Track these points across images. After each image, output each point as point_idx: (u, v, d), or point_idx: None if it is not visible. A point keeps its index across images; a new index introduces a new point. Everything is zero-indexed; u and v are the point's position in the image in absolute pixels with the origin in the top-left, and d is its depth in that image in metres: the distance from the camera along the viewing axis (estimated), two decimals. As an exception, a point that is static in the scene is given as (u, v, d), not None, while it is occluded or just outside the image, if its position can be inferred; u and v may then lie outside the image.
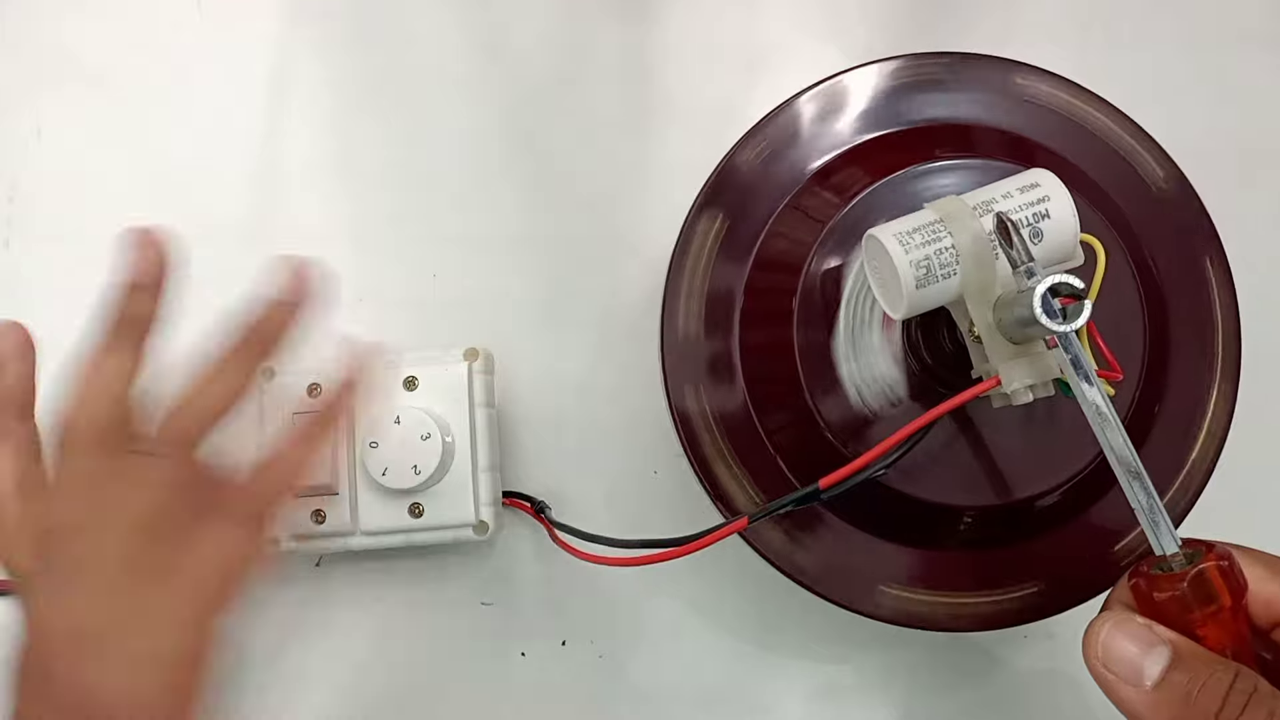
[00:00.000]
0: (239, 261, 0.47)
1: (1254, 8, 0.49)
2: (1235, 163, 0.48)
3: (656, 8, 0.49)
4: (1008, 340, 0.30)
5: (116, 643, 0.29)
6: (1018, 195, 0.30)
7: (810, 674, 0.44)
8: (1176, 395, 0.37)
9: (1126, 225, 0.37)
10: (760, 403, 0.38)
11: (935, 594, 0.37)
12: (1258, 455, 0.42)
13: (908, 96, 0.39)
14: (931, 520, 0.36)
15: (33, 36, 0.49)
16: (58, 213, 0.48)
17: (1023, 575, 0.37)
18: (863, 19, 0.49)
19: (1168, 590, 0.28)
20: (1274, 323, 0.47)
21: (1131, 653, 0.27)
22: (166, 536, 0.30)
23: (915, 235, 0.30)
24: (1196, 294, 0.38)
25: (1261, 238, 0.47)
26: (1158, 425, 0.37)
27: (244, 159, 0.48)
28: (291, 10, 0.49)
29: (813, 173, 0.39)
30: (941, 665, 0.44)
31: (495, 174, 0.48)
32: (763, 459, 0.38)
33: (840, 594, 0.37)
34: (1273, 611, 0.29)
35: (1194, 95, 0.49)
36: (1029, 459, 0.35)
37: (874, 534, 0.37)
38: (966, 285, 0.30)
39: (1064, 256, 0.31)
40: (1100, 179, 0.38)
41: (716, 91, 0.46)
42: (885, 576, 0.37)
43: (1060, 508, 0.36)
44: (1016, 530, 0.36)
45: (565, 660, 0.44)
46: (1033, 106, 0.39)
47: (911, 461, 0.33)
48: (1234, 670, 0.26)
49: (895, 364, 0.35)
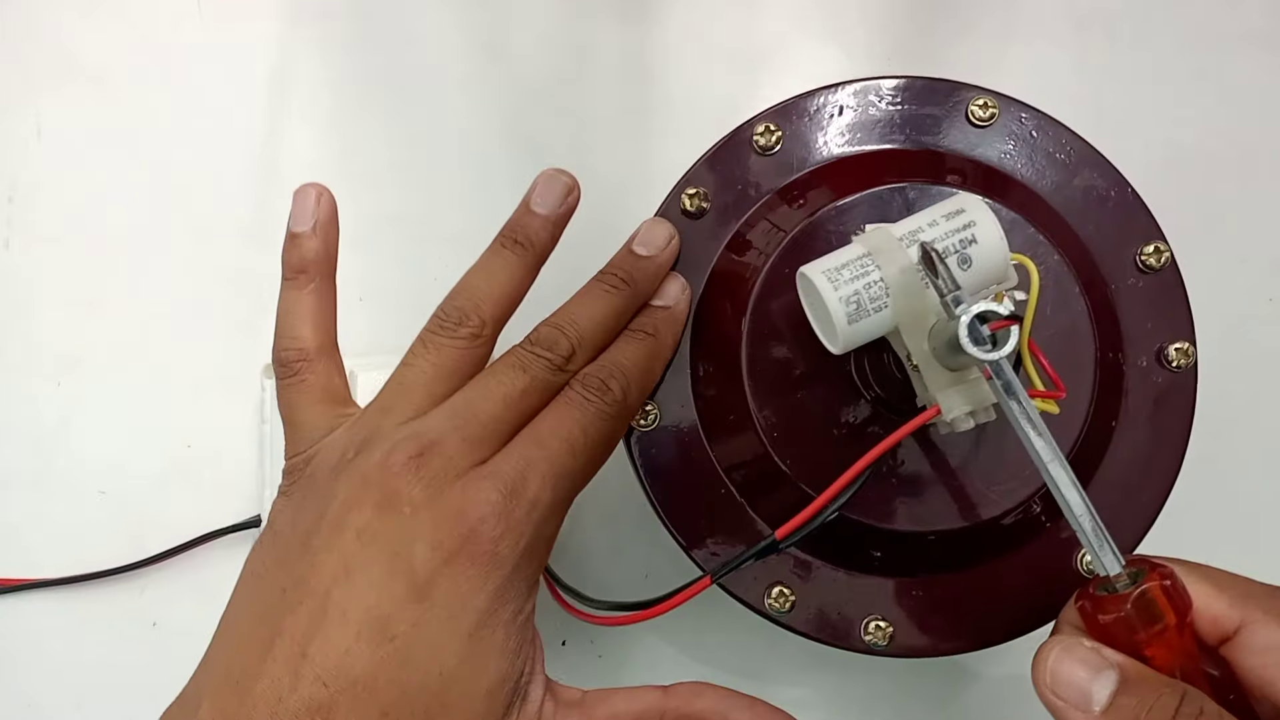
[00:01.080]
0: (239, 261, 0.48)
1: (1254, 8, 0.49)
2: (1235, 163, 0.48)
3: (656, 8, 0.49)
4: (945, 369, 0.30)
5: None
6: (944, 223, 0.30)
7: (809, 667, 0.44)
8: (1133, 412, 0.37)
9: (1073, 237, 0.37)
10: (712, 431, 0.37)
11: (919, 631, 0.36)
12: (1222, 463, 0.42)
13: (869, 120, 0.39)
14: (901, 547, 0.35)
15: (33, 36, 0.49)
16: (58, 213, 0.48)
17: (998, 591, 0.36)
18: (863, 20, 0.49)
19: (1112, 612, 0.28)
20: (1275, 323, 0.47)
21: (1079, 677, 0.27)
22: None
23: (844, 271, 0.30)
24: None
25: (1261, 238, 0.47)
26: (1115, 440, 0.36)
27: (244, 159, 0.48)
28: (291, 10, 0.49)
29: (768, 194, 0.38)
30: (931, 679, 0.44)
31: (495, 174, 0.48)
32: (718, 494, 0.37)
33: (827, 634, 0.36)
34: (1220, 628, 0.29)
35: (1194, 95, 0.49)
36: (990, 477, 0.35)
37: (854, 569, 0.36)
38: (899, 317, 0.30)
39: (997, 279, 0.30)
40: (1048, 195, 0.38)
41: (716, 91, 0.47)
42: (868, 611, 0.36)
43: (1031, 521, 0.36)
44: (982, 550, 0.36)
45: (565, 660, 0.44)
46: (983, 129, 0.38)
47: (875, 494, 0.33)
48: (1181, 691, 0.26)
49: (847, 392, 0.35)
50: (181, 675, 0.44)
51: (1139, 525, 0.36)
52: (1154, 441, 0.36)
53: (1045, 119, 0.38)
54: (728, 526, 0.37)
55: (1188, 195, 0.48)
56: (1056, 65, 0.49)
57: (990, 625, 0.36)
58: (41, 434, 0.46)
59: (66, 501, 0.45)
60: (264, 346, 0.46)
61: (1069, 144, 0.38)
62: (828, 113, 0.39)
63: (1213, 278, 0.47)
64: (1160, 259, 0.37)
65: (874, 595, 0.36)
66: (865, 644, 0.35)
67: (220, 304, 0.47)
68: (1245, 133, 0.48)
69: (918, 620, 0.36)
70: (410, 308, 0.47)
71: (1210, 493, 0.45)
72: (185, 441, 0.46)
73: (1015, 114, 0.38)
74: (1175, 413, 0.36)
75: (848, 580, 0.36)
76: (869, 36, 0.49)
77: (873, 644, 0.35)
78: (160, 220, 0.48)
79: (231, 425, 0.46)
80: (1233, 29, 0.49)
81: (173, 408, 0.46)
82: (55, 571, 0.44)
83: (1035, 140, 0.38)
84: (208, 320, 0.47)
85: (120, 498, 0.45)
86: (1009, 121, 0.38)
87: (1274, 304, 0.47)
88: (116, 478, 0.46)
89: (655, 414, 0.37)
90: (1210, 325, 0.46)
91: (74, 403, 0.46)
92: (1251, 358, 0.46)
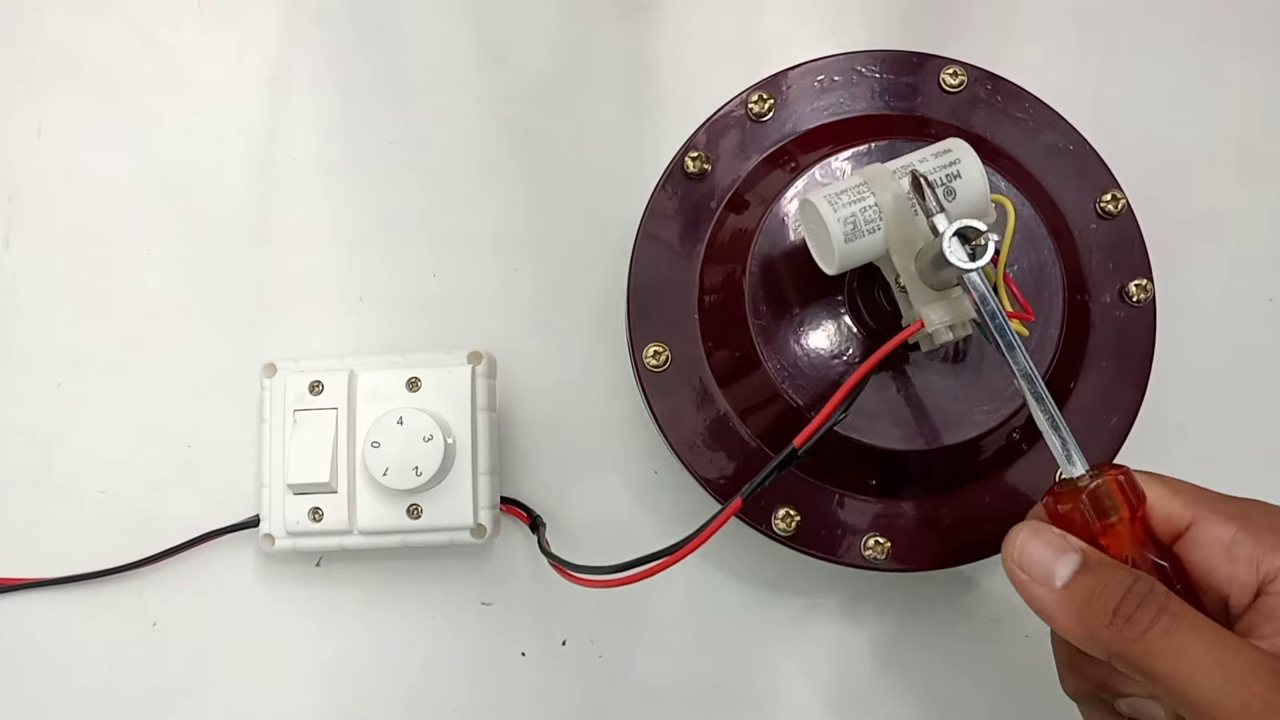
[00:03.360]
0: (239, 261, 0.48)
1: (1254, 8, 0.49)
2: (1235, 163, 0.48)
3: (656, 8, 0.49)
4: (929, 288, 0.34)
5: None
6: (932, 159, 0.34)
7: (810, 659, 0.44)
8: (1099, 344, 0.41)
9: (1039, 188, 0.41)
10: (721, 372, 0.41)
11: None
12: (1222, 462, 0.42)
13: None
14: (892, 468, 0.39)
15: (33, 36, 0.49)
16: (58, 213, 0.48)
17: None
18: (864, 20, 0.49)
19: (1070, 502, 0.31)
20: (1275, 323, 0.47)
21: (1045, 556, 0.30)
22: None
23: (842, 196, 0.34)
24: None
25: (1262, 238, 0.47)
26: (1085, 366, 0.40)
27: (244, 159, 0.48)
28: (291, 10, 0.49)
29: (760, 160, 0.42)
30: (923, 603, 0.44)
31: (494, 173, 0.48)
32: (733, 436, 0.41)
33: (826, 549, 0.40)
34: (1173, 525, 0.32)
35: (1194, 95, 0.49)
36: (972, 401, 0.39)
37: (850, 490, 0.40)
38: (890, 239, 0.34)
39: (978, 213, 0.33)
40: (1021, 157, 0.42)
41: (716, 91, 0.46)
42: (867, 528, 0.40)
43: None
44: (968, 473, 0.40)
45: (565, 660, 0.44)
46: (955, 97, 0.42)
47: (866, 411, 0.37)
48: (1133, 575, 0.29)
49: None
50: (179, 675, 0.44)
51: (1109, 445, 0.41)
52: (1120, 370, 0.41)
53: (1007, 83, 0.43)
54: (741, 460, 0.40)
55: (1188, 195, 0.48)
56: (1056, 65, 0.49)
57: (973, 542, 0.40)
58: (41, 434, 0.46)
59: (66, 501, 0.45)
60: (264, 346, 0.46)
61: (1030, 106, 0.42)
62: (814, 83, 0.43)
63: (1213, 277, 0.47)
64: (1117, 205, 0.41)
65: (873, 515, 0.40)
66: (865, 559, 0.40)
67: (220, 304, 0.47)
68: (1245, 133, 0.48)
69: (910, 537, 0.40)
70: (410, 308, 0.47)
71: (1177, 417, 0.45)
72: (185, 441, 0.46)
73: (982, 82, 0.43)
74: (1138, 341, 0.41)
75: (851, 502, 0.40)
76: (870, 36, 0.49)
77: (873, 559, 0.40)
78: (160, 220, 0.48)
79: (231, 425, 0.46)
80: (1233, 29, 0.49)
81: (173, 408, 0.46)
82: (55, 570, 0.44)
83: (1000, 104, 0.42)
84: (208, 320, 0.47)
85: (120, 497, 0.45)
86: (976, 89, 0.42)
87: (1274, 304, 0.47)
88: (116, 477, 0.46)
89: (667, 356, 0.40)
90: (1210, 325, 0.47)
91: (74, 403, 0.46)
92: (1251, 357, 0.46)
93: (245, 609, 0.45)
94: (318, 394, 0.43)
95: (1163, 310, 0.42)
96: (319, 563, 0.45)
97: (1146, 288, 0.41)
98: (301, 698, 0.44)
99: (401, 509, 0.42)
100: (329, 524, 0.42)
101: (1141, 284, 0.41)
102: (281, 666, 0.44)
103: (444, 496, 0.42)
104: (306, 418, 0.42)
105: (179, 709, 0.44)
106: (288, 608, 0.45)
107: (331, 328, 0.47)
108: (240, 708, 0.44)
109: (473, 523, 0.42)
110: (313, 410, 0.42)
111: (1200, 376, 0.46)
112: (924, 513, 0.40)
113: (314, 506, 0.42)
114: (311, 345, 0.46)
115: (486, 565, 0.45)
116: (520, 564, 0.45)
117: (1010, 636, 0.44)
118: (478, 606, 0.45)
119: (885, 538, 0.40)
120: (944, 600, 0.45)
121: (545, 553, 0.40)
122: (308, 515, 0.42)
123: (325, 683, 0.44)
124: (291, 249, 0.47)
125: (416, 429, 0.41)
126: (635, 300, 0.41)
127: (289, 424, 0.42)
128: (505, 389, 0.46)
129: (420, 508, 0.42)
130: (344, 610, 0.45)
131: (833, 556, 0.40)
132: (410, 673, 0.44)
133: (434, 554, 0.44)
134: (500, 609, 0.45)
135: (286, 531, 0.42)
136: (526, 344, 0.46)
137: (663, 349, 0.40)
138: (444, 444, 0.41)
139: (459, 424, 0.42)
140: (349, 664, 0.44)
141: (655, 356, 0.40)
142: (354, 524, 0.42)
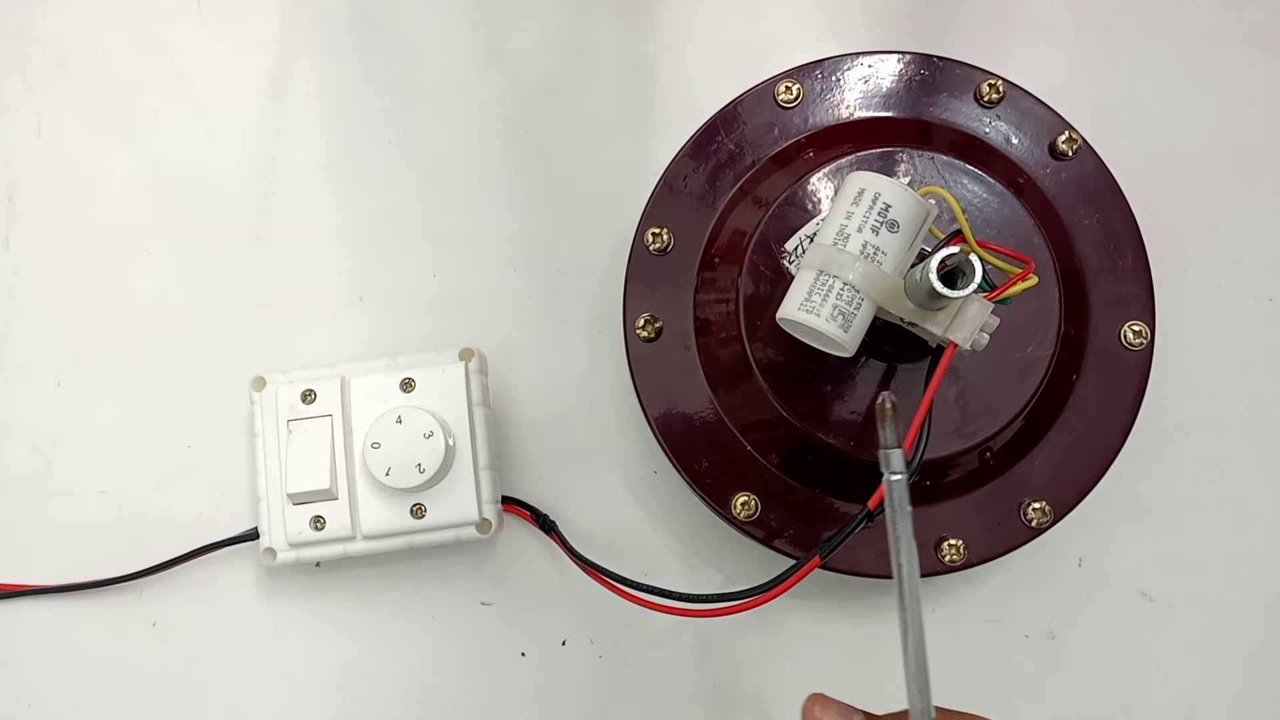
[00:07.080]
0: (238, 261, 0.48)
1: (1254, 8, 0.49)
2: (1235, 163, 0.48)
3: (656, 8, 0.49)
4: (934, 311, 0.33)
5: None
6: (858, 211, 0.33)
7: (809, 659, 0.44)
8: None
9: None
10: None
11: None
12: (1222, 462, 0.42)
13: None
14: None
15: (33, 36, 0.49)
16: (58, 213, 0.48)
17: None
18: (864, 20, 0.49)
19: None
20: (1274, 323, 0.47)
21: None
22: None
23: (813, 297, 0.33)
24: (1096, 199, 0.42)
25: (1262, 238, 0.47)
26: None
27: (244, 159, 0.48)
28: (291, 10, 0.49)
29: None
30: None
31: (495, 174, 0.48)
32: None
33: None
34: None
35: (1194, 95, 0.49)
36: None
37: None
38: (878, 301, 0.33)
39: (923, 219, 0.33)
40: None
41: (716, 91, 0.46)
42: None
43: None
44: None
45: (565, 660, 0.44)
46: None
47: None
48: None
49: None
50: (179, 681, 0.44)
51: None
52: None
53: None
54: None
55: (1188, 195, 0.48)
56: (1057, 65, 0.49)
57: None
58: (41, 434, 0.46)
59: (66, 501, 0.45)
60: (263, 346, 0.46)
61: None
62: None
63: (1212, 277, 0.47)
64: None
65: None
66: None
67: (220, 304, 0.47)
68: (1245, 133, 0.48)
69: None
70: (410, 308, 0.47)
71: (1211, 492, 0.45)
72: (185, 441, 0.46)
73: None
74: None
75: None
76: (870, 37, 0.49)
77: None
78: (160, 220, 0.48)
79: (231, 424, 0.46)
80: (1233, 29, 0.49)
81: (173, 408, 0.46)
82: (55, 570, 0.44)
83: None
84: (208, 320, 0.47)
85: (120, 497, 0.45)
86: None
87: (1273, 304, 0.47)
88: (116, 477, 0.46)
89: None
90: (1209, 324, 0.47)
91: (74, 403, 0.46)
92: (1251, 357, 0.46)
93: (245, 609, 0.45)
94: (310, 402, 0.42)
95: (1162, 310, 0.42)
96: (319, 564, 0.45)
97: (1143, 332, 0.41)
98: (301, 698, 0.44)
99: (405, 510, 0.42)
100: (332, 531, 0.42)
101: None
102: (282, 667, 0.44)
103: (447, 493, 0.42)
104: (301, 427, 0.42)
105: (179, 709, 0.44)
106: (288, 608, 0.45)
107: (331, 328, 0.47)
108: (240, 708, 0.44)
109: (478, 518, 0.42)
110: (307, 419, 0.42)
111: (1200, 376, 0.46)
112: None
113: (315, 515, 0.42)
114: (312, 345, 0.46)
115: (486, 565, 0.45)
116: (520, 564, 0.45)
117: (1010, 637, 0.44)
118: (478, 606, 0.45)
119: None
120: (943, 601, 0.45)
121: (580, 557, 0.41)
122: (309, 524, 0.42)
123: (325, 683, 0.44)
124: (291, 249, 0.47)
125: (416, 427, 0.41)
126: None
127: (283, 435, 0.42)
128: (505, 389, 0.46)
129: (424, 507, 0.41)
130: (344, 611, 0.45)
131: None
132: (410, 673, 0.44)
133: (434, 554, 0.44)
134: (500, 609, 0.45)
135: (288, 542, 0.42)
136: (526, 344, 0.46)
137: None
138: (444, 440, 0.41)
139: (456, 421, 0.42)
140: (349, 664, 0.44)
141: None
142: (357, 529, 0.42)
